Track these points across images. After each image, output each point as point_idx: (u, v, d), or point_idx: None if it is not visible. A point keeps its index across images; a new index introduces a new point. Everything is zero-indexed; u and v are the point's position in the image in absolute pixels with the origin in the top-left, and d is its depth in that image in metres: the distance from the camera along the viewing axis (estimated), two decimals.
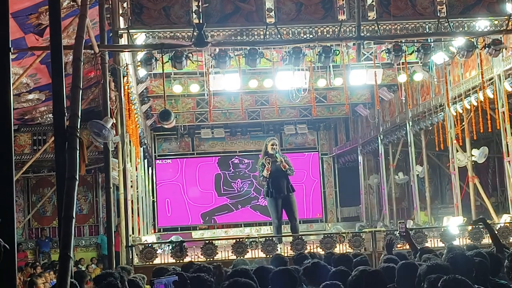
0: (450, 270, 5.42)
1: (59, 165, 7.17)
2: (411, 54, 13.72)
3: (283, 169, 14.75)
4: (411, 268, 5.74)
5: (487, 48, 13.01)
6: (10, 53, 5.11)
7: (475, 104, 15.13)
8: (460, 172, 16.82)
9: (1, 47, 5.03)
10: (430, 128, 18.19)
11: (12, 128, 5.24)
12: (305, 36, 13.27)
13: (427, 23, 13.34)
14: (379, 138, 21.82)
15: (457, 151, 16.69)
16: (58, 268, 6.29)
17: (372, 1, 12.90)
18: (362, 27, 12.88)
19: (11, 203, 5.09)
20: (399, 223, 9.65)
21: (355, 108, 22.69)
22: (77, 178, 6.84)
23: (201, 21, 12.50)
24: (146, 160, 21.23)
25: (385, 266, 6.29)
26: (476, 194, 16.54)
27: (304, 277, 6.18)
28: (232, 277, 5.25)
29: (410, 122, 19.05)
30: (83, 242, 22.55)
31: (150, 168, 23.73)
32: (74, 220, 6.47)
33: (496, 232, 13.04)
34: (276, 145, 15.10)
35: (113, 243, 11.67)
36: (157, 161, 26.03)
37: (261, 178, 15.07)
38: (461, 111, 15.90)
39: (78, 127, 7.36)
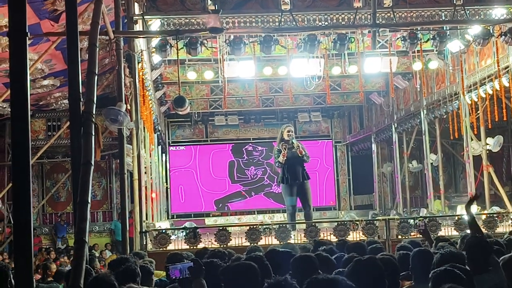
0: (464, 258, 5.41)
1: (74, 150, 7.21)
2: (426, 42, 13.65)
3: (299, 155, 14.71)
4: (425, 255, 5.73)
5: (503, 36, 12.94)
6: (27, 38, 5.12)
7: (491, 92, 15.03)
8: (474, 161, 16.74)
9: (19, 32, 5.04)
10: (444, 117, 18.10)
11: (29, 113, 5.26)
12: (320, 24, 13.24)
13: (443, 10, 13.29)
14: (393, 126, 21.75)
15: (472, 139, 16.61)
16: (73, 252, 6.33)
17: None
18: (377, 15, 12.84)
19: (28, 188, 5.11)
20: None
21: (370, 96, 22.61)
22: (92, 164, 6.87)
23: (216, 8, 12.49)
24: (160, 147, 21.28)
25: (400, 253, 6.29)
26: (490, 183, 16.47)
27: None
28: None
29: (425, 111, 18.96)
30: (97, 227, 22.66)
31: (163, 155, 23.78)
32: (89, 205, 6.51)
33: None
34: (292, 132, 15.10)
35: (127, 229, 11.72)
36: (171, 148, 26.07)
37: (277, 164, 15.04)
38: (476, 100, 15.81)
39: (94, 112, 7.39)
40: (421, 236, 8.40)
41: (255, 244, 12.06)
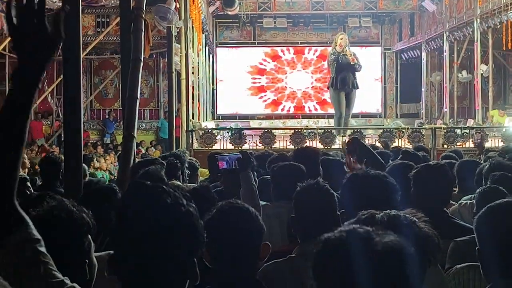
0: None
1: (124, 46, 7.24)
2: None
3: (352, 62, 14.83)
4: (471, 164, 5.73)
5: None
6: None
7: None
8: None
9: None
10: (498, 27, 17.64)
11: (80, 9, 5.27)
12: None
13: None
14: (444, 34, 21.29)
15: None
16: (122, 147, 6.44)
17: None
18: None
19: (78, 82, 5.17)
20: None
21: (422, 2, 22.08)
22: (142, 60, 6.90)
23: None
24: (207, 47, 21.23)
25: (445, 162, 6.26)
26: None
27: None
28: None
29: (478, 20, 18.47)
30: (144, 125, 22.90)
31: (211, 55, 23.74)
32: (138, 101, 6.58)
33: None
34: (345, 39, 15.32)
35: (174, 127, 11.86)
36: (218, 49, 25.98)
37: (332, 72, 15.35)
38: None
39: (144, 8, 7.37)
40: (474, 146, 8.49)
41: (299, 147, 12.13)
